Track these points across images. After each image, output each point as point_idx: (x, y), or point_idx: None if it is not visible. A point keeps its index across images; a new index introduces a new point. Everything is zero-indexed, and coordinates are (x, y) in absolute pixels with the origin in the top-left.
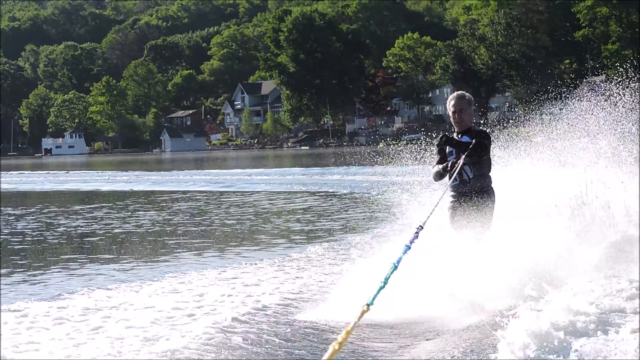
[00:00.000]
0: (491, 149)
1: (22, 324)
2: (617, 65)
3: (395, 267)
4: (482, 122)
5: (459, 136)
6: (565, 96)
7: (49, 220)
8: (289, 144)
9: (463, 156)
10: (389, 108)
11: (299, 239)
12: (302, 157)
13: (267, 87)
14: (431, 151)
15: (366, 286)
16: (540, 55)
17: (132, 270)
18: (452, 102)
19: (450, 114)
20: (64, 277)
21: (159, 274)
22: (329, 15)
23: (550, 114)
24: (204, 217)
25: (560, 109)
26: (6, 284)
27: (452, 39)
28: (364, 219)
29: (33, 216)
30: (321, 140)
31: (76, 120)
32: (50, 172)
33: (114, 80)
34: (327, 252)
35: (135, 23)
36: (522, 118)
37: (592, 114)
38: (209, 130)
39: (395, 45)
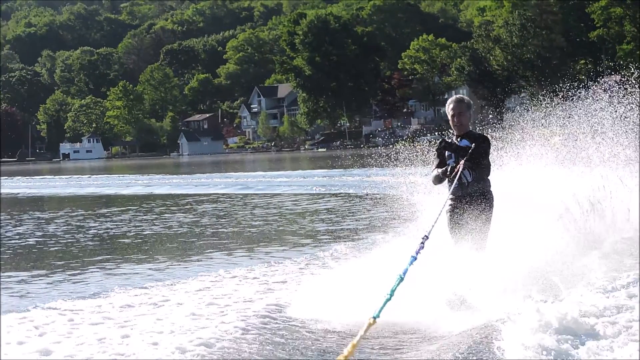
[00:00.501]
0: (490, 152)
1: (68, 322)
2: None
3: (402, 279)
4: (497, 122)
5: (458, 140)
6: (578, 96)
7: (78, 223)
8: (306, 146)
9: (462, 161)
10: (405, 110)
11: (325, 239)
12: (320, 159)
13: (284, 90)
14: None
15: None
16: (555, 56)
17: (166, 269)
18: (451, 106)
19: (450, 117)
20: (102, 277)
21: (192, 272)
22: (344, 18)
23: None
24: (230, 219)
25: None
26: (47, 283)
27: (467, 41)
28: (385, 218)
29: (62, 219)
30: (338, 142)
31: (94, 125)
32: (72, 176)
33: (131, 85)
34: (351, 250)
35: (150, 28)
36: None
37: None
38: (226, 134)
39: (411, 47)
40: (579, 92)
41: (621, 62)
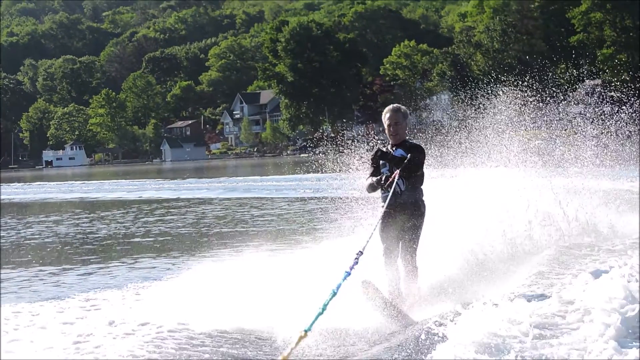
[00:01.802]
0: (425, 162)
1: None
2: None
3: (335, 294)
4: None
5: (394, 149)
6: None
7: (87, 225)
8: (289, 151)
9: (397, 171)
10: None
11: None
12: (304, 164)
13: (266, 96)
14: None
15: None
16: (536, 61)
17: (183, 263)
18: (387, 115)
19: (385, 126)
20: (125, 270)
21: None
22: (326, 25)
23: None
24: (227, 220)
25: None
26: (77, 275)
27: (448, 46)
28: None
29: (70, 222)
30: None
31: (76, 133)
32: (62, 182)
33: (114, 93)
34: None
35: (132, 36)
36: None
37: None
38: (209, 140)
39: (392, 53)
40: (560, 96)
41: (601, 66)
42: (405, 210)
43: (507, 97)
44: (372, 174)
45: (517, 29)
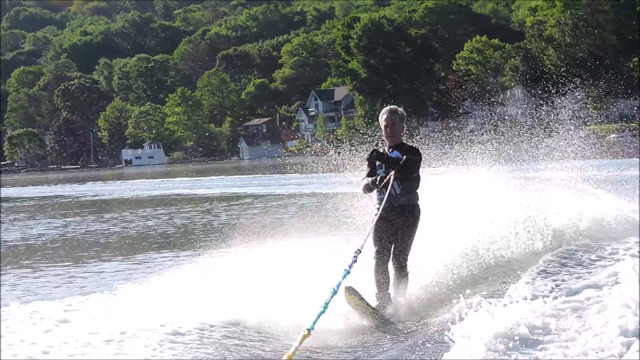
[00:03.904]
0: (421, 164)
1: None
2: None
3: (335, 292)
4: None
5: (390, 150)
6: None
7: (196, 215)
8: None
9: (392, 172)
10: (460, 110)
11: None
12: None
13: (340, 93)
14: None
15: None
16: (607, 54)
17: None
18: (384, 117)
19: (382, 128)
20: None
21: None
22: (397, 21)
23: None
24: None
25: None
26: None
27: (519, 41)
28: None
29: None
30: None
31: (154, 131)
32: (153, 180)
33: (189, 91)
34: None
35: (205, 34)
36: (594, 117)
37: None
38: (285, 137)
39: (464, 49)
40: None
41: None
42: (399, 213)
43: (580, 91)
44: (368, 175)
45: (588, 23)
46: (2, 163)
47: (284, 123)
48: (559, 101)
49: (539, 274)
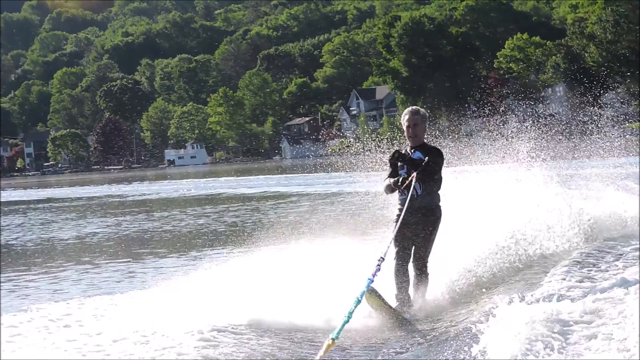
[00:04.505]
0: (443, 166)
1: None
2: None
3: (359, 301)
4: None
5: (412, 151)
6: None
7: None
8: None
9: (414, 174)
10: (502, 108)
11: None
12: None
13: (381, 92)
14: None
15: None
16: None
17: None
18: (407, 117)
19: (404, 128)
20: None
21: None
22: (437, 19)
23: None
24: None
25: None
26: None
27: (561, 38)
28: None
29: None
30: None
31: (196, 131)
32: (199, 180)
33: (231, 91)
34: None
35: (246, 33)
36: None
37: None
38: (327, 136)
39: (506, 47)
40: None
41: None
42: (420, 214)
43: (622, 88)
44: (390, 175)
45: (629, 19)
46: (45, 164)
47: (325, 122)
48: (601, 98)
49: (574, 267)
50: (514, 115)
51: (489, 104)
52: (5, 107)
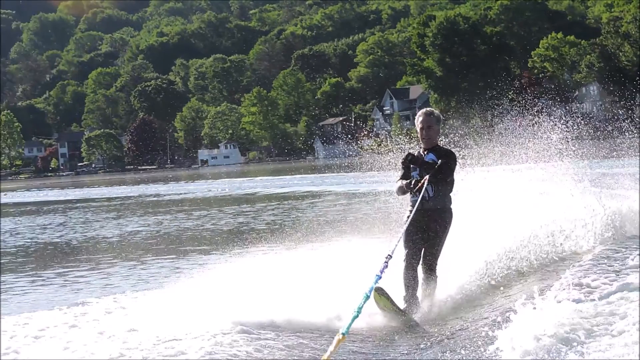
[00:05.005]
0: (456, 169)
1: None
2: None
3: (368, 297)
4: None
5: (425, 153)
6: None
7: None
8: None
9: (427, 176)
10: (536, 107)
11: None
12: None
13: (415, 91)
14: None
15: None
16: None
17: None
18: (420, 119)
19: (418, 130)
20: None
21: None
22: (472, 19)
23: None
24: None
25: None
26: None
27: (595, 37)
28: None
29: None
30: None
31: (230, 131)
32: (234, 179)
33: (265, 91)
34: None
35: (280, 33)
36: None
37: None
38: (360, 136)
39: (540, 46)
40: None
41: None
42: (431, 216)
43: None
44: (402, 177)
45: None
46: (79, 164)
47: (359, 122)
48: (635, 98)
49: (595, 266)
50: (547, 115)
51: (523, 103)
52: (40, 107)
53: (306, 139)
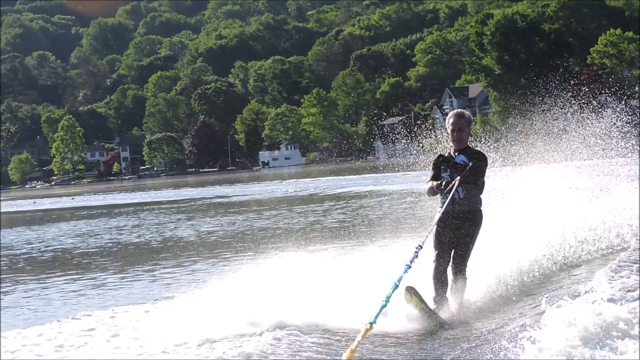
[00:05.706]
0: (486, 171)
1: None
2: None
3: (397, 286)
4: None
5: (456, 154)
6: None
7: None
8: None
9: (458, 178)
10: (595, 104)
11: None
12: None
13: (474, 90)
14: None
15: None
16: None
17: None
18: (451, 120)
19: (449, 131)
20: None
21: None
22: (530, 17)
23: None
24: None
25: None
26: None
27: None
28: None
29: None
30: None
31: (290, 133)
32: (301, 180)
33: (324, 92)
34: None
35: (338, 34)
36: None
37: None
38: (420, 135)
39: (599, 42)
40: None
41: None
42: (461, 218)
43: None
44: (433, 178)
45: None
46: (141, 167)
47: (418, 121)
48: None
49: (624, 268)
50: (607, 111)
51: (583, 100)
52: (101, 111)
53: (366, 138)
